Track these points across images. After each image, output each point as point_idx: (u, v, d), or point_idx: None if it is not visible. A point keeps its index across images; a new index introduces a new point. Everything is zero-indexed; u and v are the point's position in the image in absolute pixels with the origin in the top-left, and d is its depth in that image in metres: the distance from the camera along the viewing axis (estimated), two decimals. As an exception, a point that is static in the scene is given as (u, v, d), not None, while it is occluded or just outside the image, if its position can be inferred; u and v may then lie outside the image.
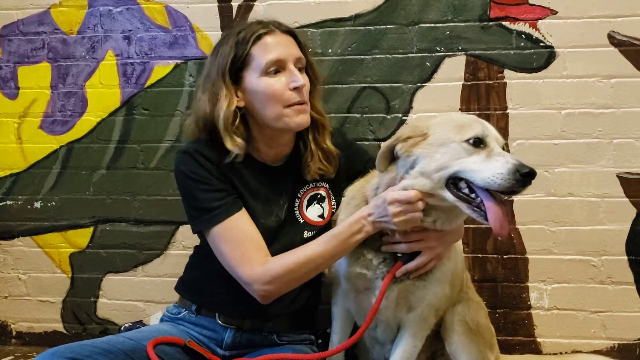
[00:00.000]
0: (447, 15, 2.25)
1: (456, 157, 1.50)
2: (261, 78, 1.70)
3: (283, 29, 1.77)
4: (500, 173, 1.42)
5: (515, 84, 2.24)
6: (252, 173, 1.80)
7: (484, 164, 1.46)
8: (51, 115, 2.49)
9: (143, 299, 2.50)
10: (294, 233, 1.83)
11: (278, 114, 1.71)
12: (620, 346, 2.26)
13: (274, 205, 1.83)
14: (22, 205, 2.53)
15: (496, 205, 1.46)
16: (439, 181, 1.51)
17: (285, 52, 1.71)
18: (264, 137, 1.80)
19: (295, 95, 1.71)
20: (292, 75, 1.71)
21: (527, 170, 1.41)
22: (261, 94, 1.71)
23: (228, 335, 1.82)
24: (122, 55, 2.44)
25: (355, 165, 1.95)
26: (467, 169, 1.48)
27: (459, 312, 1.83)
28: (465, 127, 1.53)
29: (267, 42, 1.71)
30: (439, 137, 1.54)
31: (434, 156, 1.52)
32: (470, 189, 1.50)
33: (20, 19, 2.48)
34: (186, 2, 2.39)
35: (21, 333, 2.59)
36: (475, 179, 1.46)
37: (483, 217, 1.47)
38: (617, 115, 2.20)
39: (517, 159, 1.45)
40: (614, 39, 2.18)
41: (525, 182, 1.42)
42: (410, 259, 1.65)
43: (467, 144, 1.50)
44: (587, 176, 2.23)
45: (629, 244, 2.23)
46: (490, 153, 1.48)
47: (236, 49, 1.71)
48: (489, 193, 1.47)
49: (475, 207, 1.48)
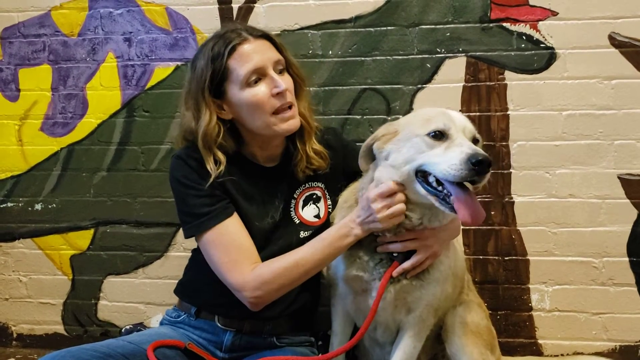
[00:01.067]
0: (447, 17, 2.25)
1: (420, 151, 1.52)
2: (243, 90, 1.68)
3: (256, 34, 1.74)
4: (453, 164, 1.43)
5: (516, 85, 2.24)
6: (246, 176, 1.80)
7: (442, 156, 1.48)
8: (52, 117, 2.50)
9: (144, 301, 2.50)
10: (290, 234, 1.83)
11: (266, 122, 1.70)
12: (621, 348, 2.25)
13: (269, 207, 1.83)
14: (23, 207, 2.53)
15: (462, 196, 1.46)
16: (408, 174, 1.54)
17: (262, 58, 1.69)
18: (257, 142, 1.80)
19: (279, 101, 1.70)
20: (273, 81, 1.69)
21: (480, 159, 1.40)
22: (246, 106, 1.70)
23: (227, 337, 1.82)
24: (123, 57, 2.44)
25: (351, 164, 1.94)
26: (429, 161, 1.50)
27: (459, 314, 1.83)
28: (429, 120, 1.55)
29: (242, 52, 1.69)
30: (406, 133, 1.58)
31: (401, 150, 1.56)
32: (438, 181, 1.51)
33: (21, 21, 2.48)
34: (187, 4, 2.39)
35: (22, 335, 2.59)
36: (435, 171, 1.48)
37: (450, 209, 1.48)
38: (618, 116, 2.20)
39: (474, 148, 1.45)
40: (614, 40, 2.18)
41: (480, 171, 1.41)
42: (406, 259, 1.64)
43: (428, 137, 1.52)
44: (588, 177, 2.23)
45: (630, 245, 2.22)
46: (450, 145, 1.49)
47: (213, 65, 1.69)
48: (456, 184, 1.47)
49: (441, 200, 1.50)
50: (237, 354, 1.82)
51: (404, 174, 1.55)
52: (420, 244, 1.63)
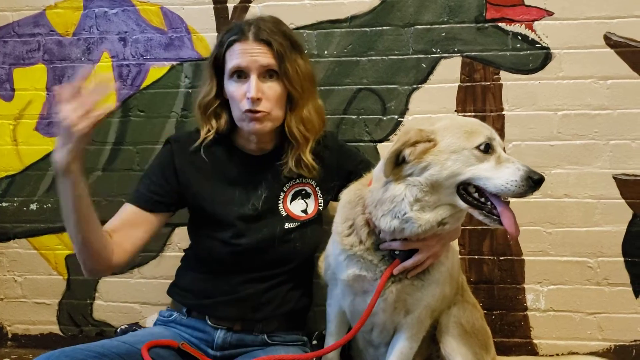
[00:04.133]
0: (442, 17, 2.25)
1: (468, 165, 1.52)
2: (229, 81, 1.82)
3: (258, 37, 1.78)
4: (514, 180, 1.47)
5: (511, 85, 2.24)
6: (232, 160, 1.89)
7: (496, 171, 1.50)
8: (47, 117, 2.48)
9: (139, 301, 2.49)
10: (274, 224, 1.86)
11: (237, 116, 1.83)
12: (616, 347, 2.26)
13: (251, 194, 1.87)
14: (18, 207, 2.52)
15: (508, 209, 1.52)
16: (450, 187, 1.54)
17: (248, 60, 1.77)
18: (241, 132, 1.88)
19: (249, 104, 1.76)
20: (249, 85, 1.76)
21: (538, 177, 1.47)
22: (229, 95, 1.83)
23: (218, 335, 1.83)
24: (118, 57, 2.43)
25: (345, 166, 1.98)
26: (480, 176, 1.51)
27: (454, 314, 1.83)
28: (473, 133, 1.54)
29: (235, 49, 1.79)
30: (449, 144, 1.54)
31: (446, 163, 1.53)
32: (479, 193, 1.54)
33: (16, 21, 2.47)
34: (182, 4, 2.38)
35: (17, 335, 2.58)
36: (488, 186, 1.50)
37: (497, 222, 1.52)
38: (614, 116, 2.20)
39: (526, 165, 1.50)
40: (610, 40, 2.18)
41: (536, 188, 1.48)
42: (408, 257, 1.65)
43: (477, 150, 1.52)
44: (583, 177, 2.23)
45: (625, 245, 2.22)
46: (499, 159, 1.52)
47: (218, 49, 1.85)
48: (498, 197, 1.52)
49: (487, 213, 1.53)
50: (229, 351, 1.83)
51: (445, 187, 1.54)
52: (423, 243, 1.64)
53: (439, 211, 1.57)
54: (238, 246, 1.82)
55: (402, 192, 1.56)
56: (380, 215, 1.60)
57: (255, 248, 1.83)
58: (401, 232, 1.59)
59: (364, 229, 1.68)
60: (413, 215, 1.55)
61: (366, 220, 1.67)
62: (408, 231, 1.58)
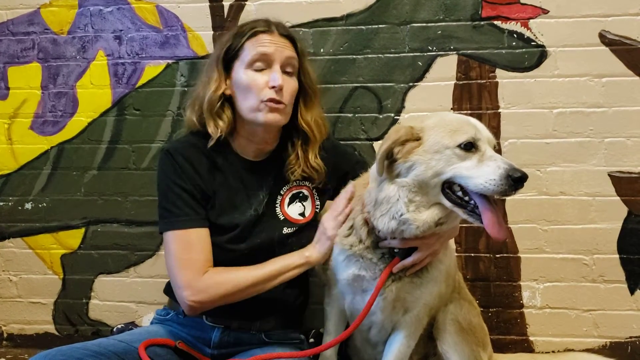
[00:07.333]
0: (438, 15, 2.25)
1: (450, 164, 1.52)
2: (246, 71, 1.78)
3: (282, 32, 1.82)
4: (492, 179, 1.45)
5: (507, 83, 2.25)
6: (232, 168, 1.84)
7: (476, 170, 1.48)
8: (42, 116, 2.48)
9: (135, 300, 2.49)
10: (272, 228, 1.85)
11: (252, 106, 1.77)
12: (612, 344, 2.26)
13: (253, 200, 1.85)
14: (13, 207, 2.51)
15: (490, 209, 1.49)
16: (435, 187, 1.54)
17: (274, 50, 1.77)
18: (245, 132, 1.84)
19: (272, 93, 1.74)
20: (273, 74, 1.76)
21: (519, 175, 1.43)
22: (243, 85, 1.78)
23: (215, 334, 1.83)
24: (113, 55, 2.42)
25: (342, 166, 1.98)
26: (462, 174, 1.50)
27: (451, 312, 1.83)
28: (457, 131, 1.54)
29: (260, 38, 1.79)
30: (433, 143, 1.54)
31: (430, 163, 1.53)
32: (464, 191, 1.53)
33: (10, 19, 2.46)
34: (177, 2, 2.38)
35: (12, 335, 2.57)
36: (469, 184, 1.49)
37: (479, 221, 1.50)
38: (609, 114, 2.21)
39: (509, 163, 1.47)
40: (605, 38, 2.19)
41: (517, 186, 1.44)
42: (407, 255, 1.65)
43: (459, 149, 1.51)
44: (578, 175, 2.23)
45: (621, 242, 2.23)
46: (482, 157, 1.50)
47: (232, 40, 1.82)
48: (483, 196, 1.49)
49: (469, 212, 1.52)
50: (226, 350, 1.83)
51: (431, 186, 1.54)
52: (422, 241, 1.64)
53: (435, 210, 1.57)
54: (236, 251, 1.81)
55: (395, 193, 1.57)
56: (379, 216, 1.61)
57: (253, 253, 1.81)
58: (400, 234, 1.60)
59: (364, 228, 1.68)
60: (410, 216, 1.55)
61: (365, 219, 1.67)
62: (407, 233, 1.58)
